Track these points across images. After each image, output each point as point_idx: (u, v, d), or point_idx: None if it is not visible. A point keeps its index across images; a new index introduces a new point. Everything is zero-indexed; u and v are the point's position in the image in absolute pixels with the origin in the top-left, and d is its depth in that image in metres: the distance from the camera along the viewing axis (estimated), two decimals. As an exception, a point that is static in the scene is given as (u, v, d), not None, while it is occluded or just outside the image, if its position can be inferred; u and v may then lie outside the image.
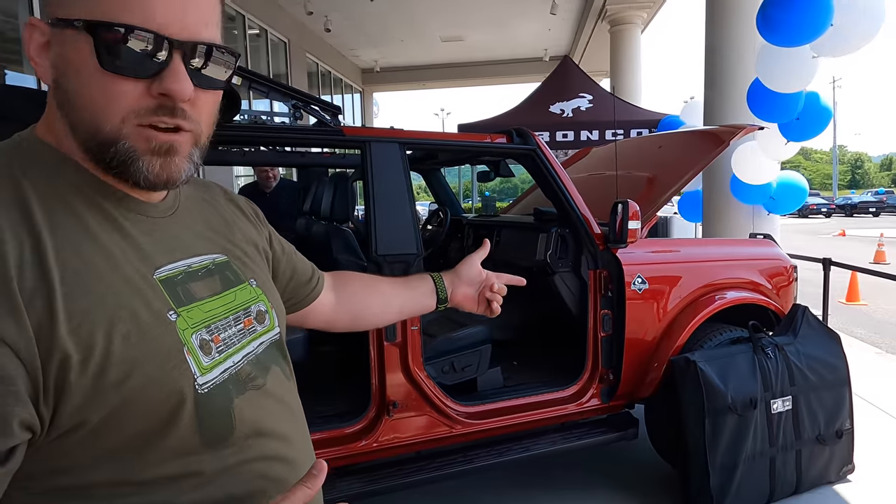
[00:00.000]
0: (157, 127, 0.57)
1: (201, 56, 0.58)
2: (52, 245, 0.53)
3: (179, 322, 0.60)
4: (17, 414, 0.48)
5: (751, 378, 2.60)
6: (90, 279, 0.55)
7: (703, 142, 3.25)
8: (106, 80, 0.55)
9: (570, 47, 14.81)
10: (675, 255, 2.82)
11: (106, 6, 0.53)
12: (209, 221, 0.73)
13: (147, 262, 0.61)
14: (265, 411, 0.67)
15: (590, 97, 7.70)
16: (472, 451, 2.39)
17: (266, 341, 0.72)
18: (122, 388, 0.54)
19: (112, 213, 0.60)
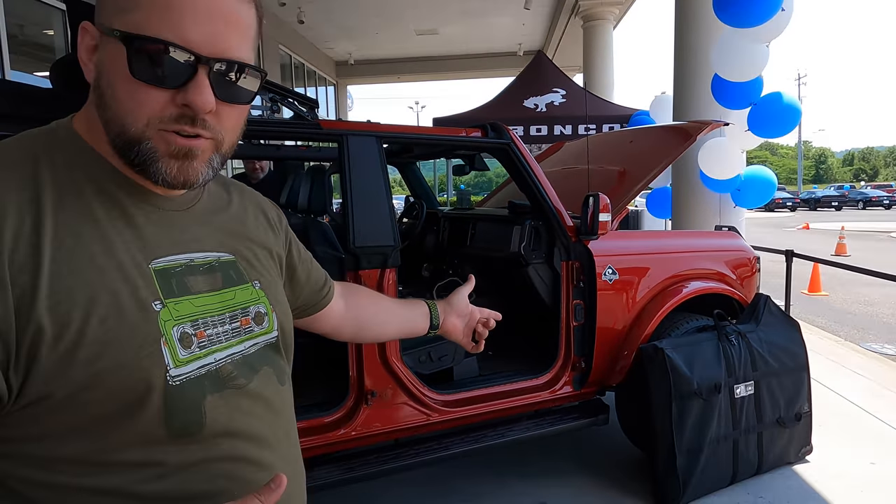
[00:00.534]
0: (181, 134, 0.61)
1: (227, 72, 0.61)
2: (53, 225, 0.57)
3: (163, 313, 0.61)
4: None
5: (715, 364, 2.71)
6: (80, 261, 0.57)
7: (671, 137, 3.35)
8: (135, 87, 0.59)
9: (544, 42, 14.92)
10: (644, 246, 2.91)
11: (143, 20, 0.58)
12: (225, 221, 0.76)
13: (146, 252, 0.63)
14: (242, 412, 0.67)
15: (563, 92, 7.79)
16: (449, 439, 2.45)
17: (261, 343, 0.73)
18: (91, 368, 0.55)
19: (123, 203, 0.63)
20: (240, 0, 0.62)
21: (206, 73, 0.60)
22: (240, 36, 0.62)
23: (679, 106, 5.34)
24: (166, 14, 0.57)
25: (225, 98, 0.62)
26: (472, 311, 1.18)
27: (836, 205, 35.03)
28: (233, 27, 0.61)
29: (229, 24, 0.61)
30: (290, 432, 0.77)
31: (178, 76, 0.59)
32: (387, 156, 3.61)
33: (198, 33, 0.58)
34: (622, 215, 2.96)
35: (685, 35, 5.22)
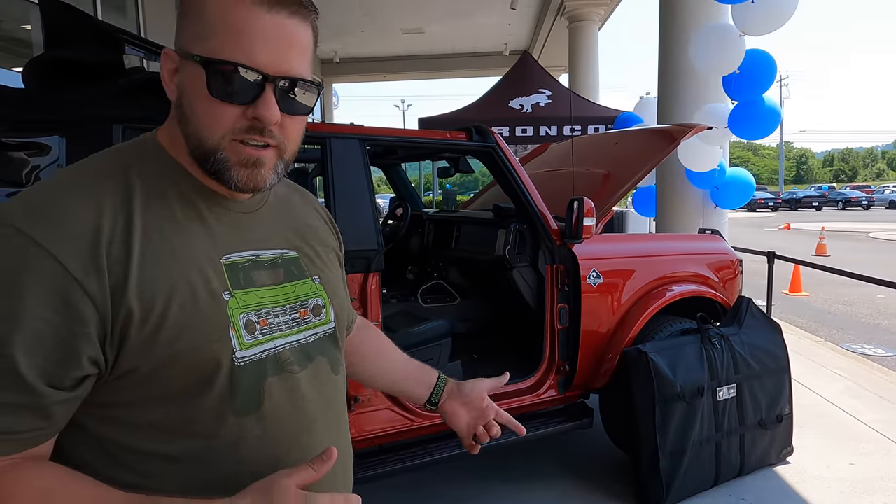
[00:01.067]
0: (249, 143, 0.69)
1: (290, 88, 0.69)
2: (142, 224, 0.66)
3: (231, 302, 0.70)
4: (86, 351, 0.61)
5: (698, 367, 2.72)
6: (164, 255, 0.67)
7: (655, 140, 3.37)
8: (212, 104, 0.67)
9: (530, 42, 14.94)
10: (628, 250, 2.92)
11: (218, 46, 0.66)
12: (289, 221, 0.84)
13: (218, 248, 0.72)
14: (296, 396, 0.74)
15: (549, 93, 7.80)
16: (432, 444, 2.43)
17: (319, 333, 0.80)
18: (170, 348, 0.65)
19: (199, 206, 0.72)
20: (299, 24, 0.69)
21: (272, 89, 0.68)
22: (300, 55, 0.70)
23: (663, 107, 5.36)
24: (238, 40, 0.66)
25: (288, 111, 0.70)
26: (488, 408, 1.08)
27: (816, 205, 35.55)
28: (294, 48, 0.69)
29: (291, 46, 0.69)
30: (339, 420, 0.83)
31: (249, 93, 0.67)
32: (371, 157, 3.59)
33: (265, 55, 0.66)
34: (606, 218, 2.97)
35: (669, 36, 5.25)
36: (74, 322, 0.60)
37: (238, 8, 0.66)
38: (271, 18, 0.67)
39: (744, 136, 4.47)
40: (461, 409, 1.08)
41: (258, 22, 0.66)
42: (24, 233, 0.60)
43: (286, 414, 0.73)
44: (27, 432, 0.60)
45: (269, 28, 0.67)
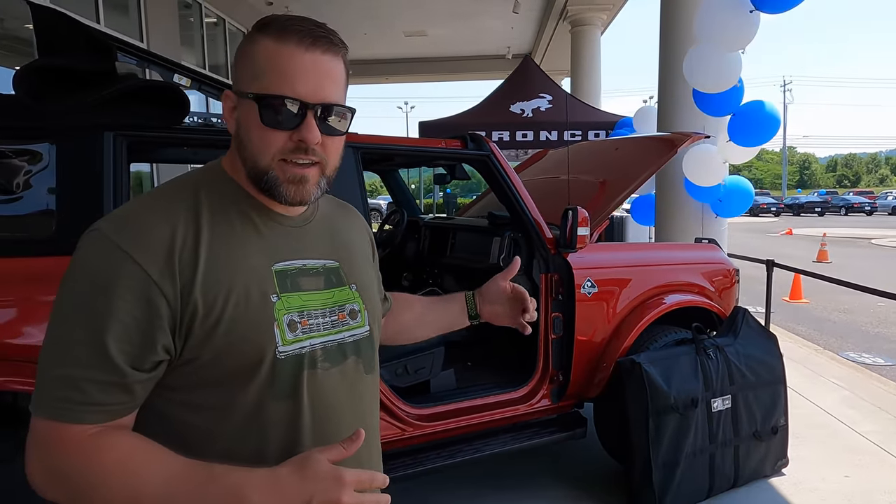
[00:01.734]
0: (296, 163, 0.81)
1: (327, 112, 0.82)
2: (208, 236, 0.79)
3: (278, 303, 0.82)
4: (161, 340, 0.75)
5: (693, 378, 2.71)
6: (225, 262, 0.79)
7: (653, 148, 3.35)
8: (264, 132, 0.80)
9: (533, 46, 14.95)
10: (623, 259, 2.91)
11: (267, 84, 0.79)
12: (334, 234, 0.95)
13: (271, 257, 0.84)
14: (328, 389, 0.85)
15: (549, 97, 7.80)
16: (423, 454, 2.42)
17: (357, 335, 0.91)
18: (226, 339, 0.77)
19: (255, 221, 0.85)
20: (332, 59, 0.82)
21: (313, 115, 0.80)
22: (334, 85, 0.83)
23: (663, 115, 5.35)
24: (283, 77, 0.79)
25: (327, 132, 0.82)
26: (514, 291, 1.24)
27: (819, 210, 35.49)
28: (329, 79, 0.82)
29: (327, 78, 0.81)
30: (366, 415, 0.92)
31: (293, 120, 0.80)
32: (367, 163, 3.58)
33: (305, 87, 0.79)
34: (602, 227, 2.96)
35: (670, 43, 5.23)
36: (154, 316, 0.74)
37: (281, 51, 0.79)
38: (309, 57, 0.80)
39: (743, 142, 4.46)
40: (497, 308, 1.25)
41: (298, 60, 0.79)
42: (116, 245, 0.75)
43: (317, 404, 0.84)
44: (114, 405, 0.74)
45: (307, 65, 0.80)
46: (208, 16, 10.05)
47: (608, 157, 3.72)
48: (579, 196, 3.23)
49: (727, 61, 3.93)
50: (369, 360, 0.94)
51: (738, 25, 3.77)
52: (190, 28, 9.54)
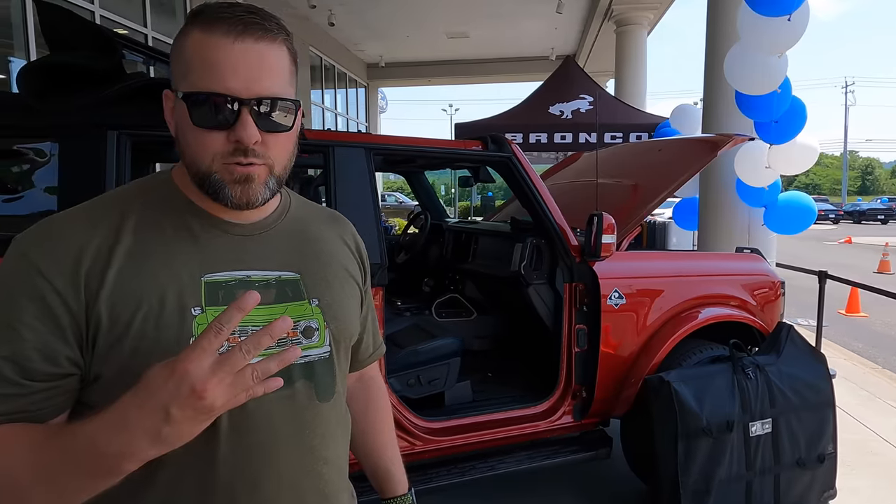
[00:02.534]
0: (239, 164, 0.74)
1: (266, 107, 0.74)
2: (127, 246, 0.74)
3: (200, 317, 0.73)
4: (63, 351, 0.69)
5: (728, 399, 2.50)
6: (141, 272, 0.73)
7: (694, 150, 3.15)
8: (198, 133, 0.74)
9: (577, 47, 14.66)
10: (655, 268, 2.72)
11: (196, 80, 0.72)
12: (303, 244, 0.86)
13: (203, 267, 0.76)
14: (259, 415, 0.75)
15: (590, 99, 7.58)
16: (433, 469, 2.31)
17: (311, 356, 0.81)
18: (132, 353, 0.70)
19: (193, 229, 0.78)
20: (268, 47, 0.74)
21: (247, 111, 0.72)
22: (272, 76, 0.74)
23: (708, 116, 5.10)
24: (211, 72, 0.72)
25: (267, 129, 0.74)
26: None
27: (882, 218, 33.55)
28: (265, 71, 0.73)
29: (262, 69, 0.73)
30: (320, 450, 0.81)
31: (227, 118, 0.72)
32: (392, 166, 3.51)
33: (236, 81, 0.72)
34: (634, 233, 2.78)
35: (716, 43, 4.98)
36: (55, 327, 0.69)
37: (208, 43, 0.72)
38: (239, 47, 0.72)
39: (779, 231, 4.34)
40: None
41: (227, 51, 0.72)
42: (27, 257, 0.71)
43: (244, 432, 0.75)
44: (13, 413, 0.68)
45: (238, 56, 0.72)
46: (253, 19, 10.23)
47: (648, 160, 3.53)
48: (611, 201, 3.06)
49: (769, 64, 3.68)
50: (327, 386, 0.83)
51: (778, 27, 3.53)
52: (235, 31, 9.73)
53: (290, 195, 0.94)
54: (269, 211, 0.86)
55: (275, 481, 0.77)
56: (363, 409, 1.07)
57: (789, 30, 3.60)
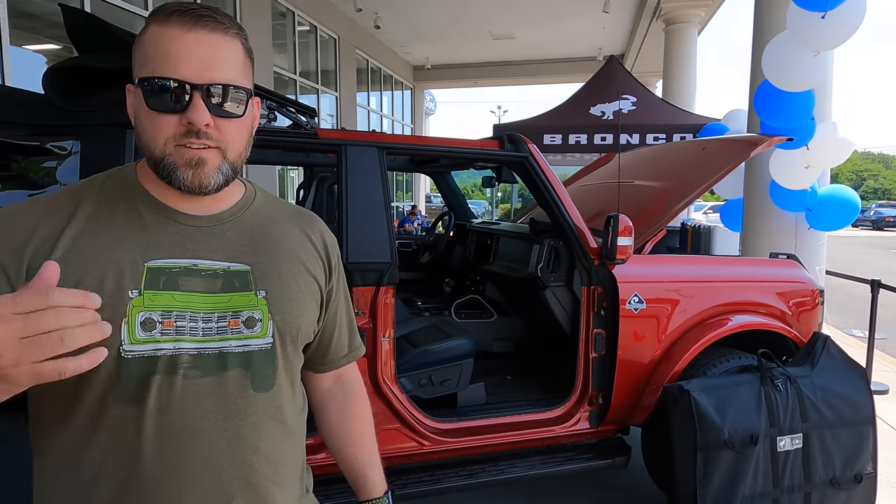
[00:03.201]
0: (190, 147, 0.78)
1: (217, 94, 0.78)
2: (75, 230, 0.78)
3: (136, 300, 0.77)
4: None
5: (754, 412, 2.39)
6: (85, 254, 0.77)
7: (728, 150, 3.02)
8: (153, 117, 0.77)
9: (626, 46, 14.35)
10: (679, 273, 2.62)
11: (150, 67, 0.77)
12: (260, 238, 0.89)
13: (148, 253, 0.80)
14: (188, 398, 0.78)
15: (633, 99, 7.39)
16: (441, 471, 2.29)
17: (251, 346, 0.83)
18: None
19: (144, 217, 0.82)
20: (222, 38, 0.79)
21: (199, 96, 0.77)
22: (224, 65, 0.79)
23: (753, 118, 4.89)
24: (166, 60, 0.76)
25: (219, 114, 0.79)
26: None
27: (958, 225, 31.39)
28: (217, 59, 0.78)
29: (214, 58, 0.78)
30: (253, 441, 0.82)
31: (180, 102, 0.76)
32: (416, 166, 3.51)
33: (189, 68, 0.76)
34: (658, 237, 2.69)
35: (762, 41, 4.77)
36: None
37: (163, 34, 0.77)
38: (193, 36, 0.77)
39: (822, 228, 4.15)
40: None
41: (181, 41, 0.77)
42: None
43: (168, 413, 0.77)
44: None
45: (190, 45, 0.77)
46: (301, 24, 10.47)
47: (682, 160, 3.40)
48: (638, 203, 2.98)
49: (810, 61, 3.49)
50: (264, 377, 0.84)
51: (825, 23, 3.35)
52: (283, 36, 9.98)
53: (256, 191, 0.95)
54: (229, 204, 0.89)
55: (199, 465, 0.79)
56: (339, 412, 1.08)
57: (837, 27, 3.41)
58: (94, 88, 1.88)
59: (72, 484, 0.78)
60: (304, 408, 0.96)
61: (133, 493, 0.77)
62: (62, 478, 0.79)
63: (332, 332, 1.02)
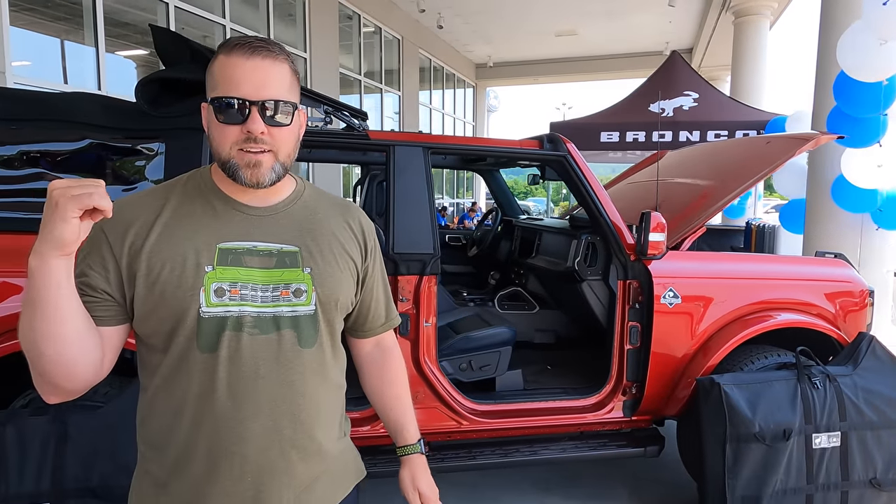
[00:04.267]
0: (249, 151, 0.96)
1: (270, 108, 0.96)
2: (165, 219, 1.00)
3: (210, 273, 0.97)
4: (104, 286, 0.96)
5: (788, 408, 2.42)
6: (173, 238, 0.98)
7: (776, 148, 3.02)
8: (221, 128, 0.97)
9: (694, 40, 13.96)
10: (717, 270, 2.67)
11: (219, 89, 0.96)
12: (306, 225, 1.07)
13: (219, 235, 1.00)
14: (250, 349, 0.98)
15: (695, 95, 7.26)
16: (477, 449, 2.45)
17: (298, 312, 1.02)
18: (161, 297, 0.95)
19: (216, 208, 1.02)
20: (273, 63, 0.97)
21: (256, 110, 0.95)
22: (275, 85, 0.97)
23: (817, 115, 4.76)
24: (230, 83, 0.95)
25: (271, 123, 0.97)
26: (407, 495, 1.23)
27: None
28: (270, 81, 0.97)
29: (266, 79, 0.96)
30: (297, 385, 1.02)
31: (241, 115, 0.95)
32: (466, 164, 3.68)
33: (248, 89, 0.95)
34: (698, 233, 2.74)
35: (829, 33, 4.63)
36: (104, 271, 0.96)
37: (228, 62, 0.96)
38: (251, 64, 0.96)
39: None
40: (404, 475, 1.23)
41: (241, 68, 0.96)
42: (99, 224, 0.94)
43: (235, 360, 0.98)
44: None
45: (248, 70, 0.95)
46: (366, 25, 10.84)
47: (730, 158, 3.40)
48: (682, 199, 3.03)
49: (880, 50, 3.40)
50: (309, 336, 1.03)
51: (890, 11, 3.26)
52: (349, 38, 10.37)
53: (305, 186, 1.14)
54: (282, 197, 1.07)
55: (258, 401, 0.99)
56: (379, 373, 1.26)
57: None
58: (177, 97, 2.16)
59: (165, 412, 1.00)
60: (343, 365, 1.15)
61: (209, 419, 0.97)
62: (158, 408, 1.01)
63: (370, 304, 1.21)
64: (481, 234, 3.68)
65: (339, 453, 1.12)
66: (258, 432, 0.98)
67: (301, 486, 1.04)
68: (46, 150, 2.12)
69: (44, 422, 1.89)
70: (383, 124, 11.75)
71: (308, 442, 1.04)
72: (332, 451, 1.10)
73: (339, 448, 1.13)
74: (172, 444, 0.99)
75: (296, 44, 8.84)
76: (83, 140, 2.15)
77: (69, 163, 2.16)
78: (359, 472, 1.19)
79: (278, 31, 8.37)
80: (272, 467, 1.00)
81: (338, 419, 1.13)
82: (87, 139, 2.15)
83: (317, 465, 1.06)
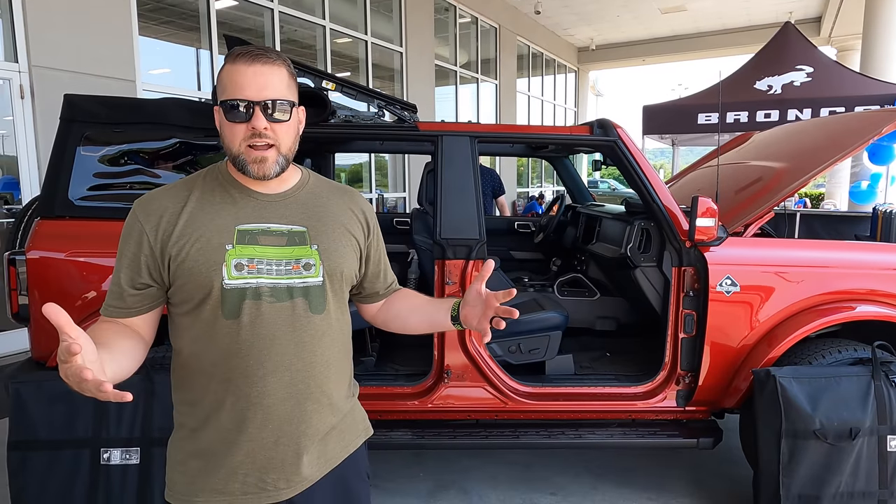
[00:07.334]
0: (255, 146, 1.11)
1: (270, 106, 1.11)
2: (191, 207, 1.16)
3: (230, 251, 1.13)
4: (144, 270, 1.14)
5: (858, 405, 2.26)
6: (199, 222, 1.14)
7: (858, 124, 2.76)
8: (230, 126, 1.12)
9: (822, 8, 12.67)
10: (783, 257, 2.51)
11: (227, 93, 1.11)
12: (312, 207, 1.22)
13: (236, 218, 1.16)
14: (268, 315, 1.13)
15: (809, 70, 6.65)
16: (522, 429, 2.52)
17: (308, 283, 1.17)
18: (189, 273, 1.11)
19: (233, 195, 1.18)
20: (272, 68, 1.12)
21: (258, 109, 1.10)
22: (274, 87, 1.12)
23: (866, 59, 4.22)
24: (236, 87, 1.11)
25: (272, 120, 1.12)
26: (487, 297, 1.18)
27: None
28: (269, 83, 1.11)
29: (267, 82, 1.11)
30: (310, 346, 1.17)
31: (246, 114, 1.10)
32: (532, 151, 3.70)
33: (251, 91, 1.10)
34: (765, 218, 2.59)
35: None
36: (141, 254, 1.13)
37: (233, 69, 1.11)
38: (252, 69, 1.10)
39: None
40: (470, 310, 1.22)
41: (244, 73, 1.10)
42: (135, 212, 1.16)
43: (256, 325, 1.13)
44: (115, 308, 1.15)
45: (250, 75, 1.10)
46: (462, 16, 10.96)
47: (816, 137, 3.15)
48: (750, 184, 2.89)
49: None
50: (318, 303, 1.18)
51: None
52: (445, 29, 10.55)
53: (310, 175, 1.30)
54: (290, 185, 1.23)
55: (277, 359, 1.14)
56: (393, 306, 1.40)
57: None
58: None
59: (196, 372, 1.16)
60: (348, 330, 1.28)
61: (236, 377, 1.13)
62: (191, 368, 1.17)
63: (376, 274, 1.37)
64: (547, 221, 3.70)
65: (349, 410, 1.28)
66: (277, 386, 1.13)
67: (317, 434, 1.19)
68: (142, 149, 2.46)
69: (138, 378, 2.23)
70: (479, 115, 11.85)
71: (320, 395, 1.19)
72: (342, 407, 1.26)
73: (349, 406, 1.29)
74: (204, 400, 1.16)
75: (392, 39, 9.16)
76: (171, 139, 2.47)
77: (161, 158, 2.49)
78: (367, 429, 1.35)
79: (375, 27, 8.71)
80: (290, 416, 1.15)
81: (347, 378, 1.29)
82: (175, 138, 2.47)
83: (329, 416, 1.22)
